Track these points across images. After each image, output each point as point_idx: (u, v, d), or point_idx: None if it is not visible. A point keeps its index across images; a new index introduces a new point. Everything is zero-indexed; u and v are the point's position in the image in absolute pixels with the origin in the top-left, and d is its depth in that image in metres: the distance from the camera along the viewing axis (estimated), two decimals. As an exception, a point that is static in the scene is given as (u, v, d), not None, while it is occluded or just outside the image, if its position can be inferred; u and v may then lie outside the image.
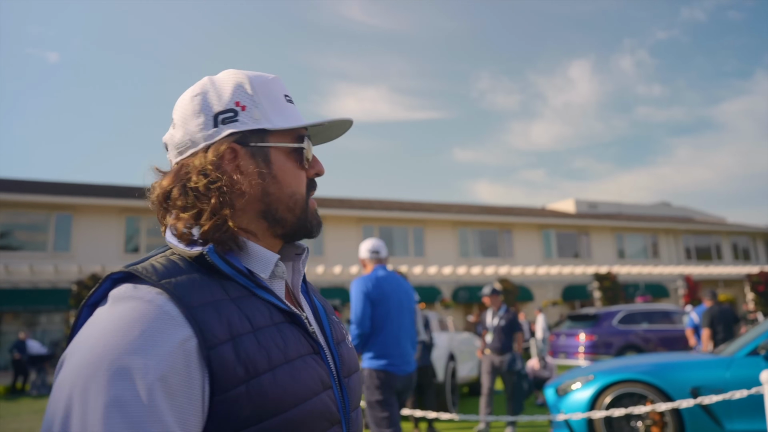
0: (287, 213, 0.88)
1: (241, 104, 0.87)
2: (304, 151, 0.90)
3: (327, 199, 23.66)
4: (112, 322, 0.68)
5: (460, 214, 23.62)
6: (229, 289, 0.78)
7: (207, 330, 0.70)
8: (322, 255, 21.14)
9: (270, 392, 0.73)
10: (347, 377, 0.91)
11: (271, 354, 0.75)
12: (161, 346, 0.66)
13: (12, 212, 18.13)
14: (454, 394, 8.73)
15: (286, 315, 0.83)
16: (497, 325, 6.90)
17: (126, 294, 0.71)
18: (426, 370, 7.23)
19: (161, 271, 0.75)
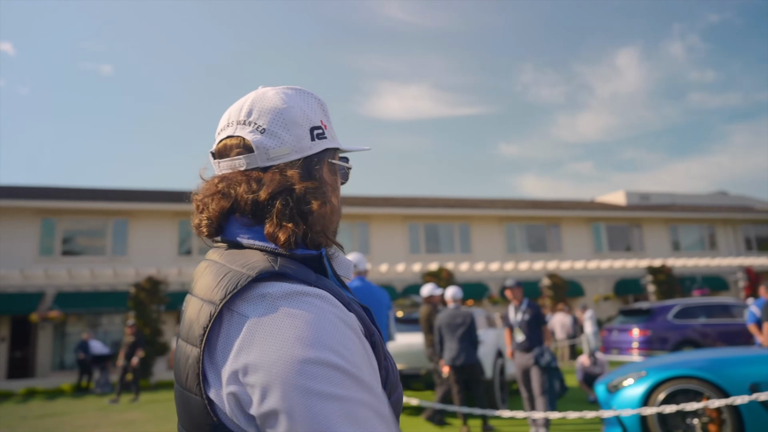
0: (333, 225, 0.95)
1: (323, 123, 0.95)
2: (347, 171, 1.01)
3: (372, 198, 23.79)
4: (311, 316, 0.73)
5: (507, 210, 23.34)
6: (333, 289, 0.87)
7: (363, 322, 0.82)
8: (369, 253, 21.27)
9: (392, 374, 0.85)
10: None
11: (383, 343, 0.86)
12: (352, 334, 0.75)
13: (74, 219, 19.00)
14: (503, 391, 8.67)
15: (364, 310, 0.92)
16: (521, 320, 6.62)
17: (295, 290, 0.76)
18: (473, 367, 7.21)
19: (299, 272, 0.80)
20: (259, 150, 0.88)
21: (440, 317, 7.44)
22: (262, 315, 0.73)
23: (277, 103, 0.91)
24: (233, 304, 0.77)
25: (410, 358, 8.58)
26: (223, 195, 0.87)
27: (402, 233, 22.06)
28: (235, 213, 0.88)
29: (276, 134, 0.89)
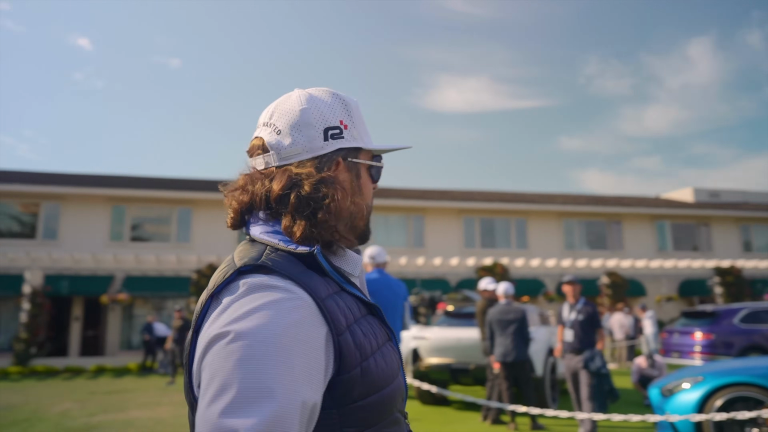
0: (361, 221, 1.02)
1: (344, 123, 0.99)
2: (378, 169, 1.05)
3: (428, 191, 23.75)
4: (267, 304, 0.78)
5: (566, 205, 22.80)
6: (329, 285, 0.89)
7: (335, 319, 0.83)
8: (423, 247, 21.29)
9: (374, 373, 0.85)
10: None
11: (371, 340, 0.88)
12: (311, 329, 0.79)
13: (142, 207, 19.94)
14: (554, 390, 8.54)
15: (368, 307, 0.95)
16: (575, 320, 6.35)
17: (267, 283, 0.81)
18: (523, 365, 7.14)
19: (287, 266, 0.85)
20: (273, 150, 0.96)
21: (491, 312, 7.40)
22: (231, 301, 0.80)
23: (293, 105, 0.98)
24: (220, 293, 0.84)
25: (459, 353, 8.57)
26: (243, 191, 0.96)
27: (457, 227, 21.94)
28: (255, 208, 0.96)
29: (289, 135, 0.96)
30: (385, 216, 21.73)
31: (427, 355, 8.84)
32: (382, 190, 23.26)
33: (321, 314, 0.82)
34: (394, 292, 4.82)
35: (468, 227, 22.20)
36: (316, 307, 0.81)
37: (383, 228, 21.72)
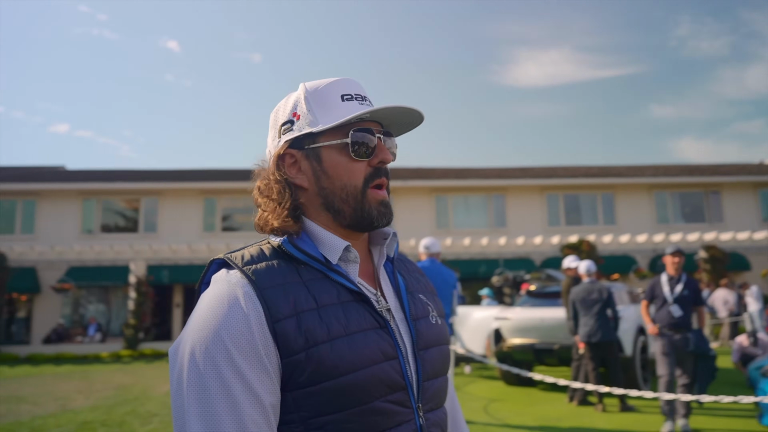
0: (342, 204, 0.99)
1: (297, 114, 1.02)
2: (353, 145, 0.98)
3: (508, 169, 23.28)
4: (211, 299, 0.89)
5: (657, 177, 21.59)
6: (303, 273, 0.94)
7: (273, 307, 0.87)
8: (505, 226, 20.95)
9: (327, 359, 0.86)
10: (423, 350, 1.01)
11: (330, 328, 0.89)
12: (243, 318, 0.85)
13: (231, 198, 20.96)
14: (645, 370, 8.22)
15: (355, 294, 0.96)
16: (680, 295, 5.78)
17: (221, 278, 0.92)
18: (610, 345, 6.93)
19: (248, 259, 0.94)
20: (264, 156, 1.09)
21: (574, 292, 7.22)
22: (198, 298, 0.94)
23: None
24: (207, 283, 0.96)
25: (543, 333, 8.43)
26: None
27: (540, 205, 21.39)
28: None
29: (268, 141, 1.07)
30: (464, 196, 21.55)
31: (509, 336, 8.76)
32: (461, 170, 23.06)
33: (259, 302, 0.87)
34: (444, 280, 5.21)
35: (552, 204, 21.58)
36: (254, 295, 0.87)
37: (463, 209, 21.57)
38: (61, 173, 22.47)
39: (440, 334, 1.09)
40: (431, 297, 1.15)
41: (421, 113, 1.03)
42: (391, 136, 1.06)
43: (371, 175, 1.01)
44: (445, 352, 1.09)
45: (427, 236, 18.77)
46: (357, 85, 1.05)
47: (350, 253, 0.99)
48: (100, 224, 20.48)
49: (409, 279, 1.13)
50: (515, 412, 6.96)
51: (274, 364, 0.86)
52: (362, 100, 1.03)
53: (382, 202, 1.01)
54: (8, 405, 8.10)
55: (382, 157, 1.01)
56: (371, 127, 1.01)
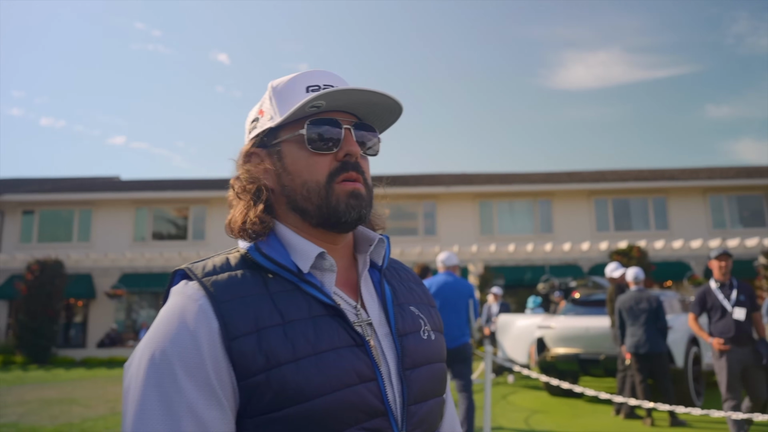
0: (305, 202, 0.90)
1: (262, 111, 0.96)
2: (309, 137, 0.89)
3: (554, 174, 22.80)
4: (164, 313, 0.81)
5: (712, 180, 20.69)
6: (271, 284, 0.85)
7: (230, 323, 0.78)
8: (551, 232, 20.50)
9: (291, 381, 0.77)
10: (411, 369, 0.90)
11: (296, 346, 0.79)
12: (191, 335, 0.77)
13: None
14: (699, 383, 7.85)
15: (328, 308, 0.85)
16: (737, 300, 5.17)
17: (178, 290, 0.84)
18: (660, 357, 6.62)
19: (209, 269, 0.85)
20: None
21: (621, 300, 6.96)
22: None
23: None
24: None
25: (588, 342, 8.17)
26: None
27: (588, 210, 20.83)
28: None
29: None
30: (509, 202, 21.22)
31: (553, 345, 8.54)
32: (505, 175, 22.73)
33: (214, 317, 0.79)
34: (458, 292, 5.56)
35: (600, 209, 20.98)
36: (209, 310, 0.79)
37: (508, 215, 21.23)
38: (115, 183, 23.35)
39: (432, 351, 0.97)
40: (426, 309, 1.03)
41: (390, 96, 0.91)
42: (370, 130, 0.96)
43: (337, 170, 0.90)
44: (439, 371, 0.98)
45: (472, 243, 18.69)
46: (328, 76, 0.95)
47: (325, 261, 0.89)
48: (151, 232, 21.14)
49: (400, 289, 1.02)
50: (558, 424, 6.74)
51: (227, 387, 0.77)
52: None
53: (351, 193, 0.90)
54: (61, 407, 8.40)
55: (347, 150, 0.90)
56: (336, 118, 0.91)
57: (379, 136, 0.99)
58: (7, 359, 15.73)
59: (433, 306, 1.09)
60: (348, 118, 0.93)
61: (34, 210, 21.13)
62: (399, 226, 21.28)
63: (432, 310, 1.06)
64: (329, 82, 0.93)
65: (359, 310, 0.91)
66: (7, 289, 18.81)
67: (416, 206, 21.21)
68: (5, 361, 15.59)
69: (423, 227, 21.10)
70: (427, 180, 22.11)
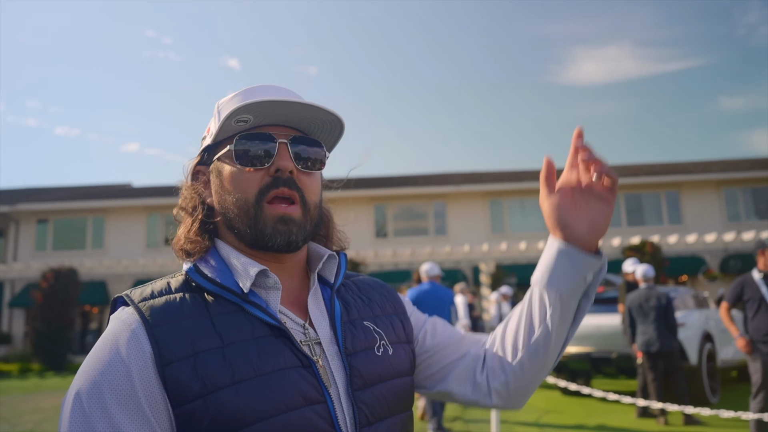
0: (237, 222, 0.88)
1: (209, 128, 0.95)
2: (236, 152, 0.87)
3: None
4: (99, 342, 0.80)
5: (726, 172, 20.42)
6: (212, 306, 0.83)
7: (165, 348, 0.76)
8: (563, 229, 20.36)
9: (230, 406, 0.74)
10: (361, 390, 0.87)
11: (236, 369, 0.77)
12: (123, 364, 0.75)
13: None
14: (714, 380, 7.73)
15: (273, 328, 0.83)
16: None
17: (115, 317, 0.82)
18: (671, 355, 6.53)
19: (147, 294, 0.84)
20: None
21: (630, 298, 6.89)
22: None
23: None
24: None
25: (599, 341, 8.08)
26: None
27: (599, 205, 20.65)
28: None
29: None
30: (520, 200, 21.10)
31: (564, 344, 8.46)
32: (516, 173, 22.61)
33: (148, 342, 0.77)
34: (440, 300, 6.23)
35: (612, 205, 20.79)
36: (143, 335, 0.77)
37: (519, 212, 21.11)
38: (127, 190, 23.56)
39: (388, 367, 0.93)
40: (387, 321, 0.99)
41: (321, 108, 0.88)
42: (314, 144, 0.93)
43: (267, 186, 0.87)
44: (398, 387, 0.93)
45: (483, 242, 18.60)
46: (272, 90, 0.92)
47: (269, 279, 0.86)
48: (163, 238, 21.28)
49: (355, 304, 0.98)
50: (571, 424, 6.68)
51: (162, 415, 0.75)
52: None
53: (280, 219, 0.86)
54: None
55: (279, 164, 0.87)
56: (269, 132, 0.89)
57: (326, 151, 0.95)
58: (24, 367, 15.91)
59: (400, 313, 1.05)
60: (285, 132, 0.90)
61: (48, 219, 21.38)
62: (409, 226, 21.25)
63: (395, 320, 1.02)
64: (270, 97, 0.87)
65: (307, 329, 0.88)
66: (24, 298, 19.05)
67: (426, 206, 21.17)
68: (22, 369, 15.77)
69: (433, 227, 21.05)
70: (436, 179, 22.06)
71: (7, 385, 12.64)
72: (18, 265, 17.94)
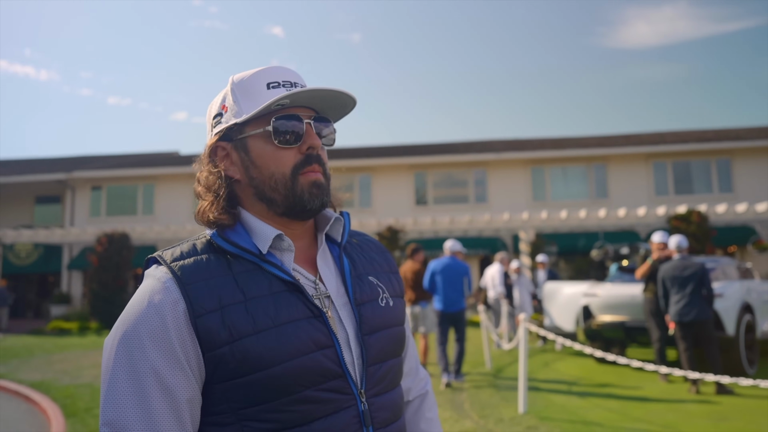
0: (273, 193, 0.99)
1: (225, 106, 1.03)
2: (275, 132, 0.98)
3: (611, 137, 22.07)
4: (136, 295, 0.93)
5: (782, 139, 19.51)
6: (234, 266, 0.95)
7: (196, 302, 0.89)
8: (606, 197, 19.98)
9: (252, 351, 0.88)
10: (369, 334, 1.01)
11: (257, 320, 0.90)
12: (159, 313, 0.88)
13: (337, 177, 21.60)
14: (753, 351, 7.65)
15: (288, 284, 0.96)
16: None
17: (149, 273, 0.96)
18: (705, 324, 6.51)
19: (177, 255, 0.96)
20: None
21: (664, 269, 6.85)
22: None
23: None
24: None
25: (634, 310, 8.07)
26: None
27: (645, 174, 20.12)
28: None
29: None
30: (562, 167, 20.75)
31: (599, 313, 8.48)
32: (558, 140, 22.18)
33: (181, 297, 0.89)
34: (456, 272, 7.32)
35: (659, 173, 20.22)
36: (176, 291, 0.90)
37: (561, 180, 20.79)
38: (175, 158, 24.28)
39: (390, 317, 1.07)
40: (386, 277, 1.14)
41: (348, 94, 1.01)
42: (326, 122, 1.05)
43: (301, 162, 1.00)
44: (397, 334, 1.08)
45: (523, 210, 18.47)
46: (286, 72, 1.04)
47: (283, 242, 0.99)
48: (209, 204, 21.92)
49: (361, 261, 1.12)
50: (602, 392, 6.77)
51: (192, 359, 0.88)
52: (291, 87, 1.02)
53: (314, 183, 1.00)
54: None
55: (310, 143, 1.00)
56: (298, 113, 1.00)
57: (334, 127, 1.08)
58: (83, 325, 16.91)
59: (395, 272, 1.19)
60: (308, 113, 1.03)
61: (101, 186, 22.33)
62: (449, 194, 21.26)
63: (393, 277, 1.16)
64: (288, 79, 1.02)
65: (318, 284, 1.01)
66: (81, 261, 20.13)
67: (467, 174, 21.08)
68: (82, 327, 16.77)
69: (474, 195, 20.98)
70: (477, 147, 21.88)
71: (68, 342, 13.52)
72: (75, 230, 18.88)
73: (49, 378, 8.33)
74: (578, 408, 5.92)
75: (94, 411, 6.09)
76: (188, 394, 0.89)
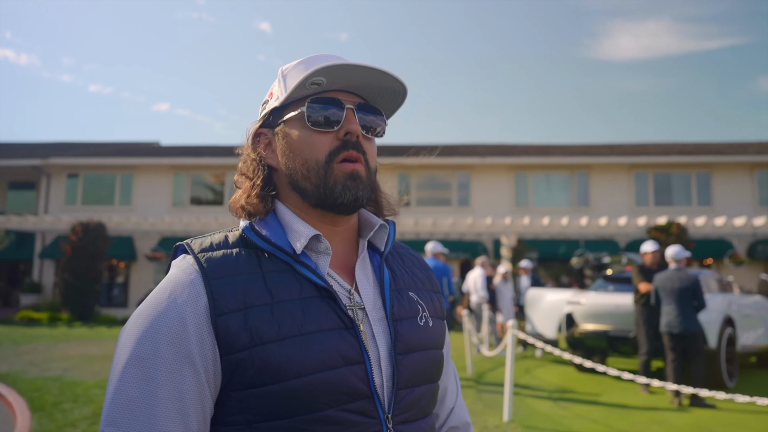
0: (305, 182, 0.92)
1: (272, 93, 0.99)
2: (309, 114, 0.91)
3: (594, 146, 22.23)
4: (161, 285, 0.86)
5: (761, 155, 19.82)
6: (266, 263, 0.88)
7: (219, 299, 0.82)
8: (588, 206, 20.12)
9: (273, 360, 0.80)
10: (403, 354, 0.91)
11: (282, 326, 0.82)
12: (179, 309, 0.81)
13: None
14: (732, 365, 7.68)
15: (320, 290, 0.87)
16: None
17: (176, 263, 0.89)
18: (694, 338, 6.49)
19: (206, 246, 0.90)
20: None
21: (658, 279, 6.83)
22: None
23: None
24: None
25: (618, 320, 8.07)
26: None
27: (627, 184, 20.31)
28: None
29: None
30: (546, 174, 20.85)
31: (582, 321, 8.46)
32: (543, 147, 22.29)
33: (204, 292, 0.82)
34: (437, 273, 7.13)
35: (640, 183, 20.43)
36: (200, 285, 0.83)
37: (544, 187, 20.88)
38: (155, 149, 23.82)
39: (428, 337, 0.97)
40: (427, 295, 1.03)
41: (393, 76, 0.91)
42: (374, 111, 0.96)
43: (337, 149, 0.91)
44: (434, 358, 0.98)
45: (506, 215, 18.50)
46: (336, 59, 0.94)
47: (320, 244, 0.91)
48: (189, 197, 21.59)
49: (402, 274, 1.02)
50: (583, 399, 6.73)
51: (209, 363, 0.81)
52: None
53: (350, 175, 0.90)
54: (102, 363, 8.80)
55: (348, 128, 0.91)
56: (338, 97, 0.93)
57: (385, 119, 0.99)
58: (54, 316, 16.48)
59: (437, 292, 1.08)
60: (352, 99, 0.94)
61: (78, 173, 21.80)
62: (432, 196, 21.20)
63: (434, 296, 1.06)
64: (346, 61, 0.92)
65: (352, 294, 0.92)
66: (54, 249, 19.61)
67: (450, 177, 21.05)
68: (52, 318, 16.35)
69: (457, 198, 20.97)
70: (462, 150, 21.87)
71: (37, 333, 13.13)
72: (48, 218, 18.41)
73: (15, 369, 8.04)
74: (562, 417, 5.86)
75: (62, 405, 5.86)
76: (200, 404, 0.81)
